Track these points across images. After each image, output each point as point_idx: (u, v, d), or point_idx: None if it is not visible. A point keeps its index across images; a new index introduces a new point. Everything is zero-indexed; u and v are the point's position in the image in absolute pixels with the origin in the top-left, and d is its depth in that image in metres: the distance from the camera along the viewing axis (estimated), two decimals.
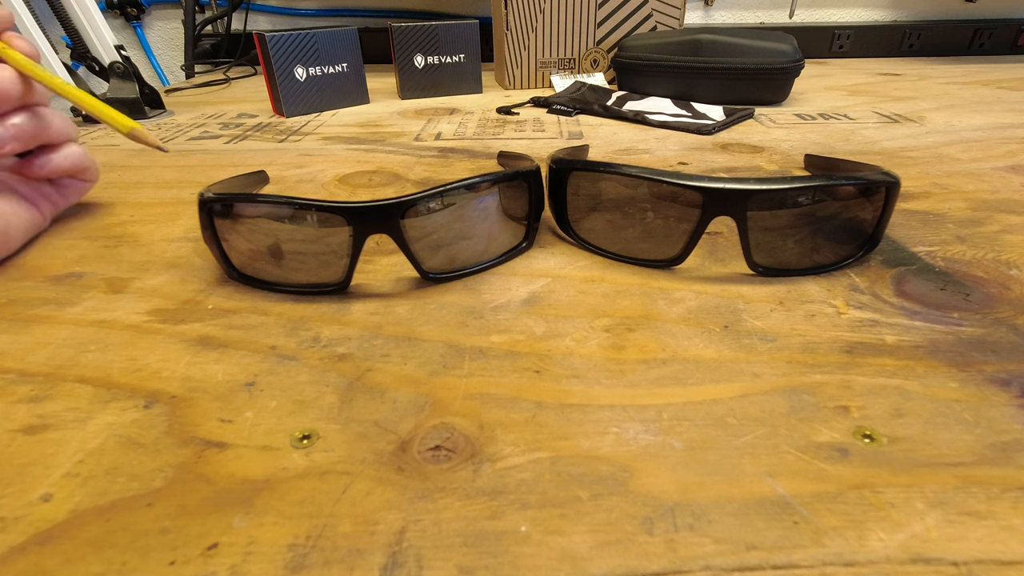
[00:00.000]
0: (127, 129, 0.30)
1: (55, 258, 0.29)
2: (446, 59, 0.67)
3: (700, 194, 0.23)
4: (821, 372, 0.20)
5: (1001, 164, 0.40)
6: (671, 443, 0.17)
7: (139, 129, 0.31)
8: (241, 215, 0.24)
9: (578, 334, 0.22)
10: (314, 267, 0.25)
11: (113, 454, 0.17)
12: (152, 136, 0.31)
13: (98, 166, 0.34)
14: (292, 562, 0.14)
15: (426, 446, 0.17)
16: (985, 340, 0.21)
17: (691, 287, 0.25)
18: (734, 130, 0.51)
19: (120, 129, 0.30)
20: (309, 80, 0.59)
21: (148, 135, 0.31)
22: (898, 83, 0.73)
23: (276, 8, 0.98)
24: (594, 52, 0.71)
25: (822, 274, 0.26)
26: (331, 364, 0.21)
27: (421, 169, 0.42)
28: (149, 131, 0.31)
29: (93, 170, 0.33)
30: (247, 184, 0.33)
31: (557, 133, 0.51)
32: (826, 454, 0.16)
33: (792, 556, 0.14)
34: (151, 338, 0.22)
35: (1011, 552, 0.13)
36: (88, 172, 0.33)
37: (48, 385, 0.20)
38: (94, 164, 0.33)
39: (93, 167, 0.33)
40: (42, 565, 0.14)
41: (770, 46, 0.57)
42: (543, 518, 0.15)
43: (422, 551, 0.14)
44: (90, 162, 0.33)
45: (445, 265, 0.26)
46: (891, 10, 1.00)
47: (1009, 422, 0.17)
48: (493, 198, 0.26)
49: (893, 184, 0.24)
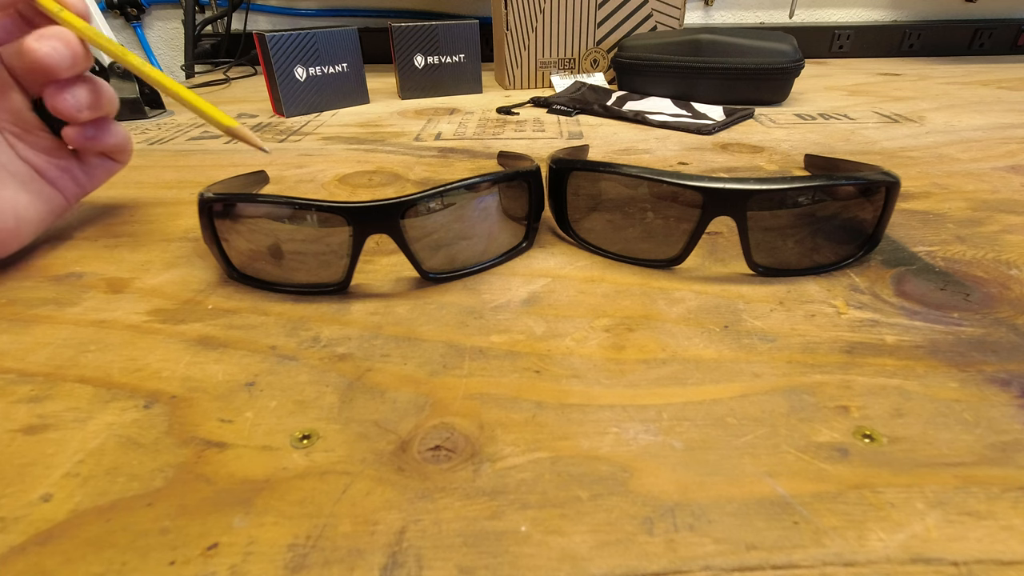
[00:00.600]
0: (226, 127, 0.27)
1: (55, 258, 0.29)
2: (446, 59, 0.67)
3: (700, 194, 0.23)
4: (821, 372, 0.20)
5: (1001, 164, 0.40)
6: (671, 443, 0.17)
7: (239, 128, 0.27)
8: (241, 215, 0.24)
9: (578, 334, 0.22)
10: (314, 267, 0.25)
11: (113, 454, 0.17)
12: (254, 136, 0.28)
13: (132, 148, 0.31)
14: (292, 562, 0.14)
15: (426, 446, 0.17)
16: (985, 340, 0.21)
17: (691, 287, 0.25)
18: (734, 130, 0.51)
19: (218, 125, 0.27)
20: (309, 80, 0.59)
21: (250, 135, 0.27)
22: (898, 83, 0.73)
23: (276, 8, 0.98)
24: (594, 52, 0.71)
25: (822, 274, 0.26)
26: (331, 364, 0.21)
27: (421, 169, 0.42)
28: (250, 130, 0.28)
29: (129, 151, 0.31)
30: (247, 184, 0.33)
31: (557, 133, 0.51)
32: (826, 454, 0.16)
33: (792, 556, 0.14)
34: (151, 338, 0.22)
35: (1011, 552, 0.13)
36: (124, 153, 0.31)
37: (48, 385, 0.20)
38: (131, 143, 0.31)
39: (130, 147, 0.31)
40: (42, 565, 0.14)
41: (770, 46, 0.57)
42: (543, 518, 0.15)
43: (422, 551, 0.14)
44: (129, 141, 0.31)
45: (445, 265, 0.26)
46: (891, 10, 1.00)
47: (1009, 422, 0.17)
48: (493, 198, 0.26)
49: (893, 184, 0.24)
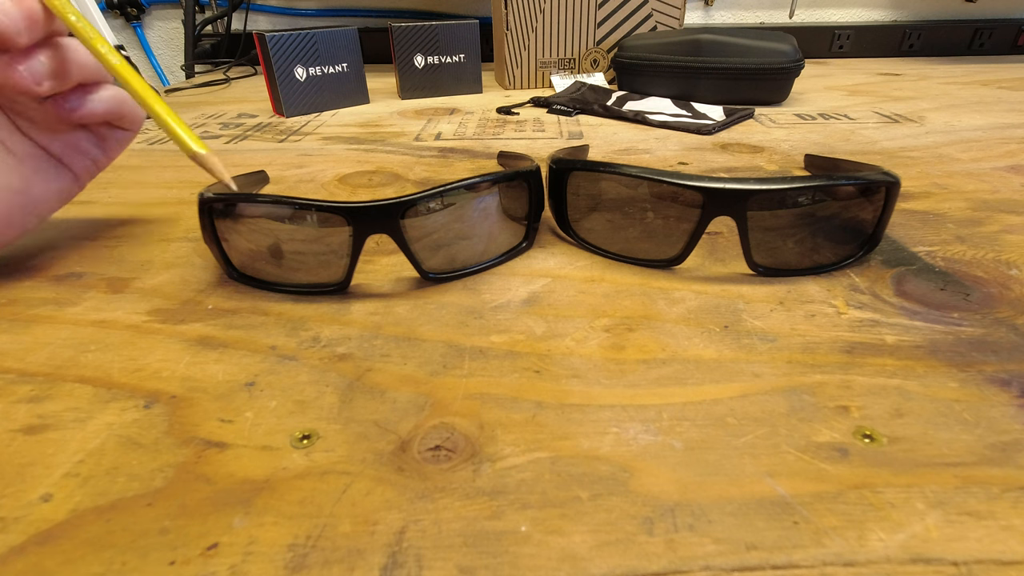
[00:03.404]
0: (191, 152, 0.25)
1: (55, 258, 0.29)
2: (446, 59, 0.67)
3: (700, 194, 0.23)
4: (821, 372, 0.20)
5: (1001, 164, 0.40)
6: (671, 443, 0.17)
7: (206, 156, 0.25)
8: (241, 215, 0.24)
9: (578, 334, 0.22)
10: (314, 267, 0.25)
11: (113, 454, 0.17)
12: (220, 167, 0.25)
13: (141, 113, 0.28)
14: (292, 562, 0.14)
15: (426, 446, 0.17)
16: (985, 340, 0.21)
17: (691, 287, 0.25)
18: (734, 130, 0.51)
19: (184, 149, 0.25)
20: (309, 80, 0.59)
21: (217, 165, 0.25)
22: (898, 83, 0.73)
23: (276, 8, 0.98)
24: (594, 52, 0.71)
25: (822, 274, 0.26)
26: (331, 364, 0.21)
27: (421, 169, 0.42)
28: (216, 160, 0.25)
29: (133, 116, 0.28)
30: (247, 184, 0.33)
31: (557, 133, 0.51)
32: (826, 454, 0.16)
33: (792, 556, 0.14)
34: (151, 338, 0.22)
35: (1011, 552, 0.13)
36: (127, 119, 0.27)
37: (48, 385, 0.20)
38: (135, 108, 0.27)
39: (133, 112, 0.27)
40: (42, 565, 0.14)
41: (770, 46, 0.57)
42: (543, 518, 0.15)
43: (422, 551, 0.14)
44: (130, 106, 0.27)
45: (445, 265, 0.26)
46: (891, 10, 1.00)
47: (1009, 422, 0.17)
48: (493, 198, 0.26)
49: (893, 184, 0.24)
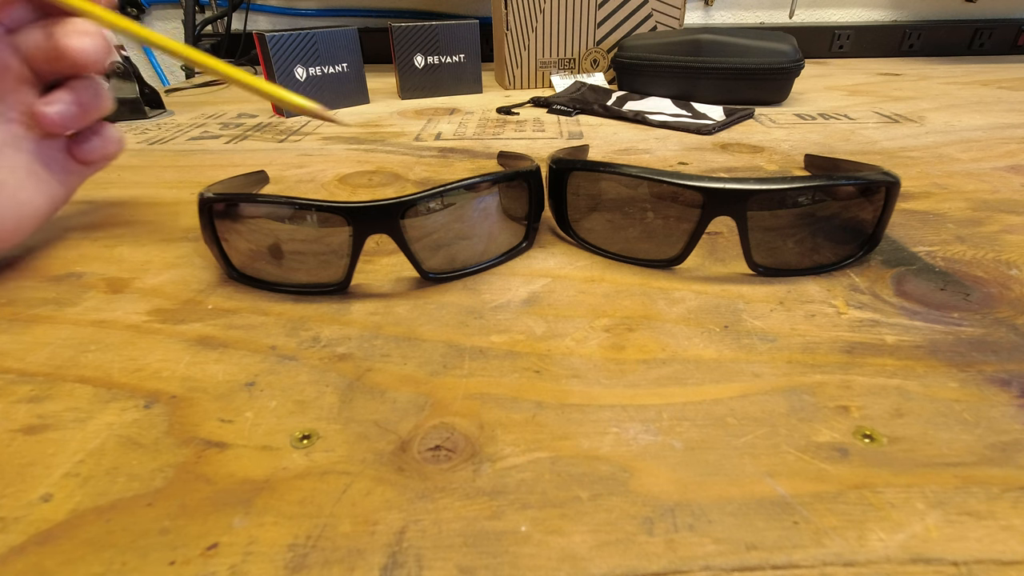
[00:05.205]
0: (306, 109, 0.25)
1: (55, 258, 0.29)
2: (446, 59, 0.67)
3: (700, 194, 0.23)
4: (821, 372, 0.20)
5: (1001, 164, 0.40)
6: (671, 443, 0.17)
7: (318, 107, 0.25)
8: (241, 215, 0.24)
9: (578, 334, 0.22)
10: (314, 267, 0.25)
11: (113, 454, 0.17)
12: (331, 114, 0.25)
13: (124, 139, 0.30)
14: (292, 562, 0.14)
15: (426, 446, 0.17)
16: (985, 340, 0.21)
17: (691, 287, 0.25)
18: (734, 130, 0.51)
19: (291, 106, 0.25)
20: (309, 80, 0.59)
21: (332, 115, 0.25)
22: (898, 83, 0.73)
23: (276, 8, 0.98)
24: (594, 52, 0.71)
25: (822, 274, 0.26)
26: (331, 364, 0.21)
27: (421, 169, 0.42)
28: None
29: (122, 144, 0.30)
30: (247, 184, 0.33)
31: (557, 133, 0.51)
32: (826, 454, 0.16)
33: (792, 556, 0.14)
34: (151, 338, 0.22)
35: (1011, 552, 0.13)
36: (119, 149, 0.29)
37: (48, 385, 0.20)
38: (123, 137, 0.30)
39: (123, 141, 0.30)
40: (42, 565, 0.14)
41: (770, 46, 0.57)
42: (543, 518, 0.15)
43: (422, 551, 0.14)
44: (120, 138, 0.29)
45: (445, 265, 0.26)
46: (891, 10, 1.00)
47: (1009, 422, 0.17)
48: (493, 198, 0.26)
49: (893, 184, 0.24)
